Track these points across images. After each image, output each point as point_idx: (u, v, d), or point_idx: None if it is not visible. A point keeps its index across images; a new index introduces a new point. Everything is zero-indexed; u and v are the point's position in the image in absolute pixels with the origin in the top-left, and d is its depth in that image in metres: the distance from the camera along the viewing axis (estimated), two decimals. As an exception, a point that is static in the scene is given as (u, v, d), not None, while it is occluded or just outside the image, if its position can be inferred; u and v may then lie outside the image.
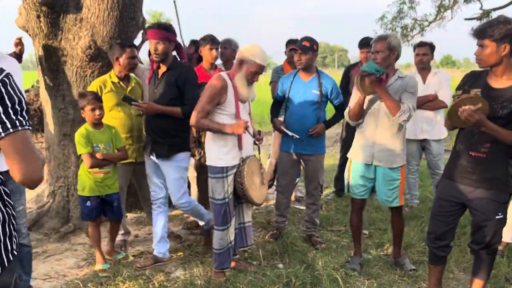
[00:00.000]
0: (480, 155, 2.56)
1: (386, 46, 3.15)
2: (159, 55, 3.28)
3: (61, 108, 4.13)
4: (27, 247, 2.85)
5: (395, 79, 3.21)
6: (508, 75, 2.48)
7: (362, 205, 3.51)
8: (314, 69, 3.83)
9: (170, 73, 3.35)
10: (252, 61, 3.01)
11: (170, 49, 3.35)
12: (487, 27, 2.44)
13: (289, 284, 3.09)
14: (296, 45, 3.74)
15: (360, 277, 3.27)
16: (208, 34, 4.14)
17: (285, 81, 3.92)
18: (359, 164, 3.35)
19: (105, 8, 3.87)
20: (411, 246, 3.83)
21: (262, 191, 3.28)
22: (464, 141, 2.65)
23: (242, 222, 3.38)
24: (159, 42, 3.25)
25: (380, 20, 14.62)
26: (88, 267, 3.46)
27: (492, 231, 2.61)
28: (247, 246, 3.45)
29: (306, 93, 3.76)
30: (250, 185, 3.11)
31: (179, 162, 3.38)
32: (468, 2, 13.12)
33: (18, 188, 2.72)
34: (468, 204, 2.67)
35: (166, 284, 3.16)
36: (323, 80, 3.79)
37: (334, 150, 8.77)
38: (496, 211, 2.58)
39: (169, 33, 3.32)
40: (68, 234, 4.07)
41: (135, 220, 4.50)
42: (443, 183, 2.79)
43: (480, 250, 2.68)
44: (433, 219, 2.84)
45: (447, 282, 3.28)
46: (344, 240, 4.04)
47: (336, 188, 5.40)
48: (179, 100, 3.32)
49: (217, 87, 3.00)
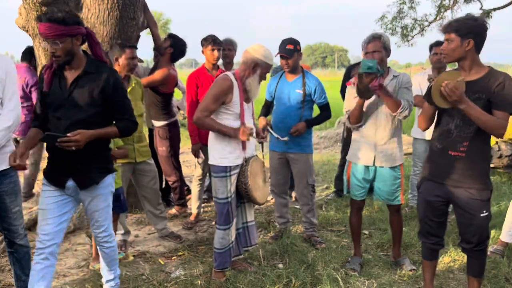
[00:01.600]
0: (460, 154, 2.59)
1: (381, 45, 3.14)
2: (60, 58, 2.42)
3: (61, 108, 4.12)
4: (25, 248, 2.85)
5: (391, 79, 3.21)
6: (476, 69, 2.56)
7: (362, 206, 3.52)
8: (300, 70, 3.85)
9: (88, 79, 2.50)
10: (265, 62, 3.06)
11: (77, 46, 2.47)
12: (453, 22, 2.54)
13: (289, 284, 3.10)
14: (281, 51, 3.71)
15: (360, 277, 3.27)
16: (210, 35, 4.12)
17: (272, 82, 3.97)
18: (359, 166, 3.34)
19: (105, 8, 3.87)
20: (411, 246, 3.84)
21: (265, 190, 3.30)
22: (441, 140, 2.66)
23: (245, 221, 3.39)
24: (55, 42, 2.37)
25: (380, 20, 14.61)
26: (88, 267, 3.46)
27: (479, 229, 2.64)
28: (251, 245, 3.45)
29: (290, 92, 3.80)
30: (254, 185, 3.12)
31: (108, 187, 2.72)
32: (468, 2, 13.12)
33: (14, 189, 2.70)
34: (453, 202, 2.70)
35: (166, 284, 3.16)
36: (307, 80, 3.80)
37: (334, 150, 8.77)
38: (480, 209, 2.61)
39: (68, 26, 2.37)
40: (68, 234, 4.07)
41: (135, 220, 4.50)
42: (425, 185, 2.78)
43: (471, 249, 2.70)
44: (423, 220, 2.85)
45: (447, 282, 3.28)
46: (344, 240, 4.04)
47: (336, 188, 5.40)
48: (102, 115, 2.56)
49: (223, 86, 2.99)
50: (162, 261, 3.58)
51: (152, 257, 3.65)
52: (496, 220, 4.40)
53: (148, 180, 3.84)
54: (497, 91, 2.48)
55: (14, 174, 2.71)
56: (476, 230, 2.64)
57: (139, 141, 3.73)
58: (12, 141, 2.79)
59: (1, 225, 2.74)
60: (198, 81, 4.05)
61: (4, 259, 3.55)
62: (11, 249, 2.82)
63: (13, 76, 2.62)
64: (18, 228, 2.77)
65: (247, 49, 3.10)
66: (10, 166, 2.55)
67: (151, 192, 3.91)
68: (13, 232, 2.76)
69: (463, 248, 2.78)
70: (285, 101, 3.82)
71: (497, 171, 6.17)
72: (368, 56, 3.14)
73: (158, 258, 3.62)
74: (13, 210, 2.71)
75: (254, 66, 3.05)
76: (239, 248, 3.37)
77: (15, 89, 2.63)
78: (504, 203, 4.93)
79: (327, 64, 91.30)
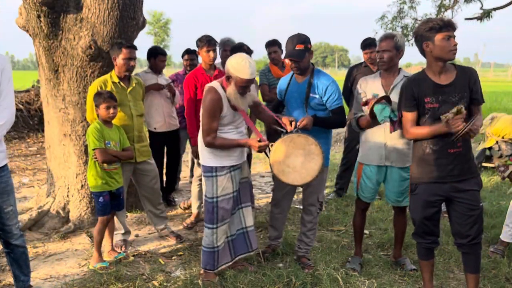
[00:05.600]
0: (458, 150, 2.65)
1: (393, 45, 3.13)
2: None
3: (61, 108, 4.13)
4: (21, 248, 2.83)
5: (401, 79, 3.19)
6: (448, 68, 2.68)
7: (367, 207, 3.52)
8: (309, 69, 3.34)
9: None
10: (238, 77, 2.91)
11: None
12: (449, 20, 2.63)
13: (289, 284, 3.09)
14: (289, 55, 3.20)
15: (361, 277, 3.27)
16: (205, 35, 4.08)
17: (282, 82, 3.54)
18: (371, 167, 3.32)
19: (106, 8, 3.87)
20: (411, 246, 3.83)
21: (306, 167, 3.03)
22: (437, 142, 2.67)
23: (245, 226, 3.39)
24: None
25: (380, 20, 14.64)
26: (88, 267, 3.46)
27: (479, 219, 2.71)
28: (253, 250, 3.43)
29: (300, 95, 3.37)
30: (283, 170, 3.00)
31: None
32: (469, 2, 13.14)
33: (5, 189, 2.66)
34: (453, 199, 2.71)
35: (166, 284, 3.16)
36: (317, 81, 3.29)
37: (335, 150, 8.77)
38: (479, 199, 2.72)
39: None
40: (69, 234, 4.07)
41: (135, 220, 4.50)
42: (424, 187, 2.75)
43: (468, 243, 2.72)
44: (420, 222, 2.83)
45: (447, 282, 3.28)
46: (344, 240, 4.04)
47: (336, 188, 5.39)
48: None
49: (214, 101, 2.97)
50: (162, 261, 3.58)
51: (152, 257, 3.65)
52: (496, 220, 4.40)
53: (148, 180, 3.85)
54: (472, 87, 2.63)
55: (5, 174, 2.67)
56: (476, 220, 2.69)
57: (139, 141, 3.74)
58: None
59: None
60: (197, 81, 4.05)
61: (4, 259, 3.56)
62: (8, 249, 2.82)
63: (8, 74, 2.61)
64: (12, 228, 2.75)
65: (228, 61, 3.00)
66: (1, 166, 2.58)
67: (152, 191, 3.91)
68: (7, 232, 2.74)
69: (460, 245, 2.79)
70: (294, 104, 3.39)
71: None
72: (377, 54, 3.15)
73: (158, 258, 3.62)
74: (5, 210, 2.68)
75: (228, 78, 2.98)
76: (231, 254, 3.35)
77: (10, 87, 2.62)
78: (504, 203, 4.93)
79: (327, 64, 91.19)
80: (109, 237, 3.64)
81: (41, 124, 8.31)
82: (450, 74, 2.65)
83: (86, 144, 3.59)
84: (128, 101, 3.67)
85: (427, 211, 2.77)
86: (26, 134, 9.22)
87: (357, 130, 3.37)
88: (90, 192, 3.95)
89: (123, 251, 3.72)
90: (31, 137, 9.18)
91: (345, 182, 5.34)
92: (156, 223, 4.03)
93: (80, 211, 4.22)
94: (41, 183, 5.94)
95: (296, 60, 3.19)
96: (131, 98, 3.70)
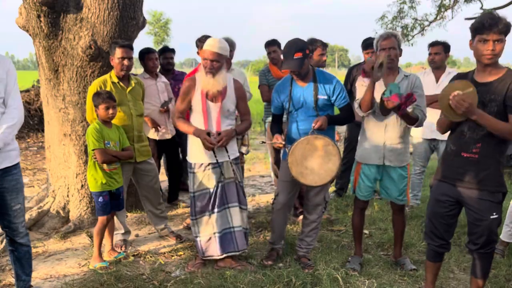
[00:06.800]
0: (472, 156, 2.55)
1: (396, 44, 3.15)
2: None
3: (61, 108, 4.13)
4: (25, 247, 2.85)
5: (401, 78, 3.21)
6: (496, 70, 2.50)
7: (365, 206, 3.53)
8: (311, 72, 3.29)
9: None
10: (203, 50, 3.16)
11: None
12: (497, 21, 2.43)
13: (289, 284, 3.09)
14: (287, 66, 3.14)
15: (360, 277, 3.27)
16: (204, 35, 4.06)
17: (281, 90, 3.36)
18: (370, 166, 3.34)
19: (106, 8, 3.87)
20: (411, 246, 3.84)
21: (324, 168, 3.07)
22: (455, 142, 2.64)
23: (232, 226, 3.40)
24: None
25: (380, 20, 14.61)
26: (88, 267, 3.46)
27: (487, 231, 2.59)
28: (239, 250, 3.41)
29: (307, 98, 3.27)
30: (301, 172, 3.07)
31: None
32: (469, 2, 13.13)
33: (15, 187, 2.71)
34: (463, 203, 2.67)
35: (166, 284, 3.16)
36: (322, 82, 3.28)
37: (334, 150, 8.77)
38: (490, 210, 2.57)
39: None
40: (69, 234, 4.07)
41: (135, 219, 4.50)
42: (437, 185, 2.78)
43: (476, 250, 2.67)
44: (431, 220, 2.82)
45: (447, 282, 3.28)
46: (344, 240, 4.04)
47: (336, 188, 5.39)
48: None
49: (184, 86, 3.29)
50: (163, 261, 3.58)
51: (152, 256, 3.65)
52: (496, 220, 4.39)
53: (148, 180, 3.85)
54: (509, 94, 2.41)
55: (17, 172, 2.72)
56: (484, 231, 2.59)
57: (139, 140, 3.74)
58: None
59: (2, 222, 2.76)
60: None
61: (4, 259, 3.56)
62: (12, 247, 2.83)
63: (13, 75, 2.66)
64: (19, 226, 2.78)
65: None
66: (12, 164, 2.65)
67: (152, 191, 3.91)
68: (13, 230, 2.77)
69: (469, 249, 2.75)
70: (306, 109, 3.28)
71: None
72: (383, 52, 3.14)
73: (158, 258, 3.62)
74: (13, 208, 2.72)
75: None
76: (219, 249, 3.36)
77: (16, 87, 2.69)
78: (504, 203, 4.92)
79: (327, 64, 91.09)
80: (109, 237, 3.65)
81: (41, 124, 8.32)
82: (494, 75, 2.49)
83: (86, 144, 3.59)
84: (127, 101, 3.67)
85: (435, 209, 2.76)
86: (26, 134, 9.22)
87: (361, 113, 3.30)
88: (90, 192, 3.94)
89: (123, 251, 3.73)
90: (31, 137, 9.19)
91: (345, 182, 5.34)
92: (156, 223, 4.03)
93: (80, 211, 4.23)
94: (41, 183, 5.95)
95: (297, 70, 3.16)
96: (130, 98, 3.70)
